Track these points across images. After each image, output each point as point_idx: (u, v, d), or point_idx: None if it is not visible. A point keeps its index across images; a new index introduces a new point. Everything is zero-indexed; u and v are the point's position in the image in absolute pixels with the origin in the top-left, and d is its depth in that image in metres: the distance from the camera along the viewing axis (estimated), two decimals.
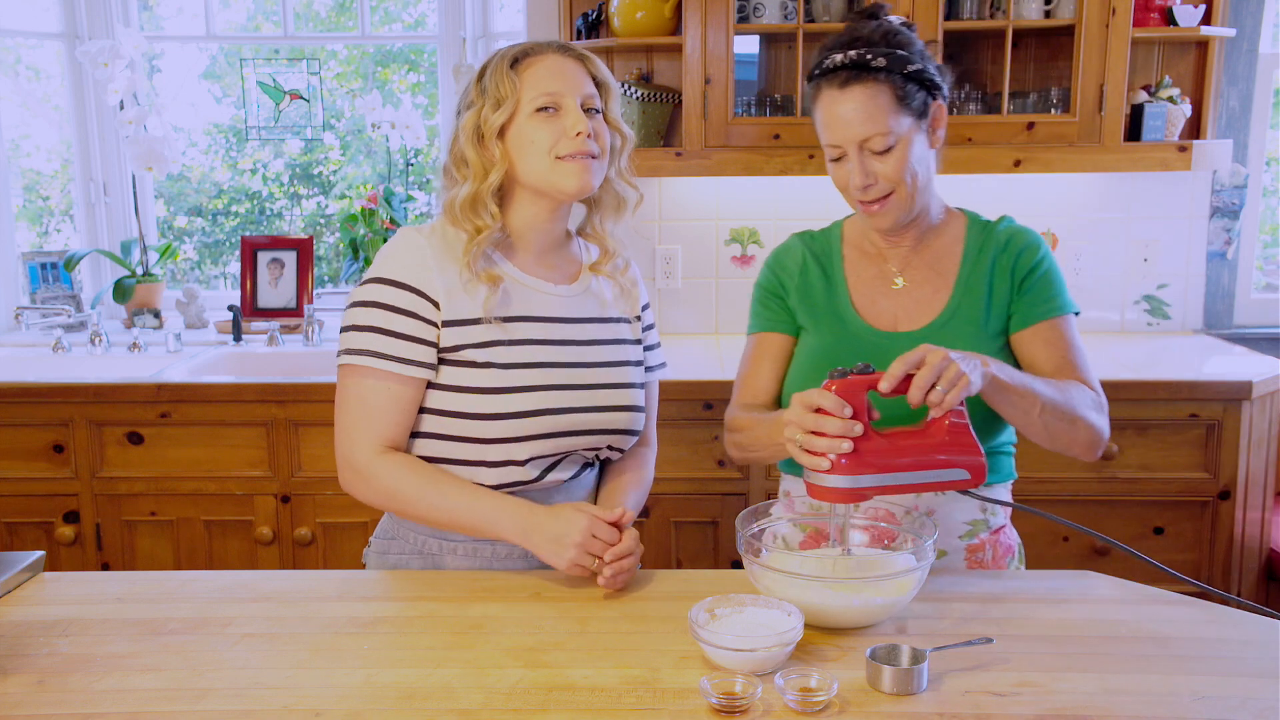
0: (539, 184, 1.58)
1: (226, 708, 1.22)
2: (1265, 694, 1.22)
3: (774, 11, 2.93)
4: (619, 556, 1.50)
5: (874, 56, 1.57)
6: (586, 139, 1.55)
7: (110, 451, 2.78)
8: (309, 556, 2.81)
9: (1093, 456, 1.64)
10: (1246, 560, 2.76)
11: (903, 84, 1.58)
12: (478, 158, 1.58)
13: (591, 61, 1.60)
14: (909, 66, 1.58)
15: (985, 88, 3.05)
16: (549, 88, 1.55)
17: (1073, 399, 1.58)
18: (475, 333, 1.57)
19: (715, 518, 2.76)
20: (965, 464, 1.42)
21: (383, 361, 1.55)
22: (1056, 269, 1.69)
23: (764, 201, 3.22)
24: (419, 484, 1.56)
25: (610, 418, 1.64)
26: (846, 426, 1.37)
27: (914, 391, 1.38)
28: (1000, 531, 1.73)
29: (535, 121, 1.55)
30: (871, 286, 1.72)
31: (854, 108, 1.57)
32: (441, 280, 1.57)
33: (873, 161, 1.59)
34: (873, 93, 1.57)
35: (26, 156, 3.83)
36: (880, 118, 1.57)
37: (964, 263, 1.70)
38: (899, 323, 1.69)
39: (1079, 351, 1.66)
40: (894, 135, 1.58)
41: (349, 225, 3.53)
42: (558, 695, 1.23)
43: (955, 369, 1.38)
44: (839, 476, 1.38)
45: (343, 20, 3.92)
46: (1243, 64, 3.14)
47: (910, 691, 1.22)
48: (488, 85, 1.57)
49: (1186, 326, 3.27)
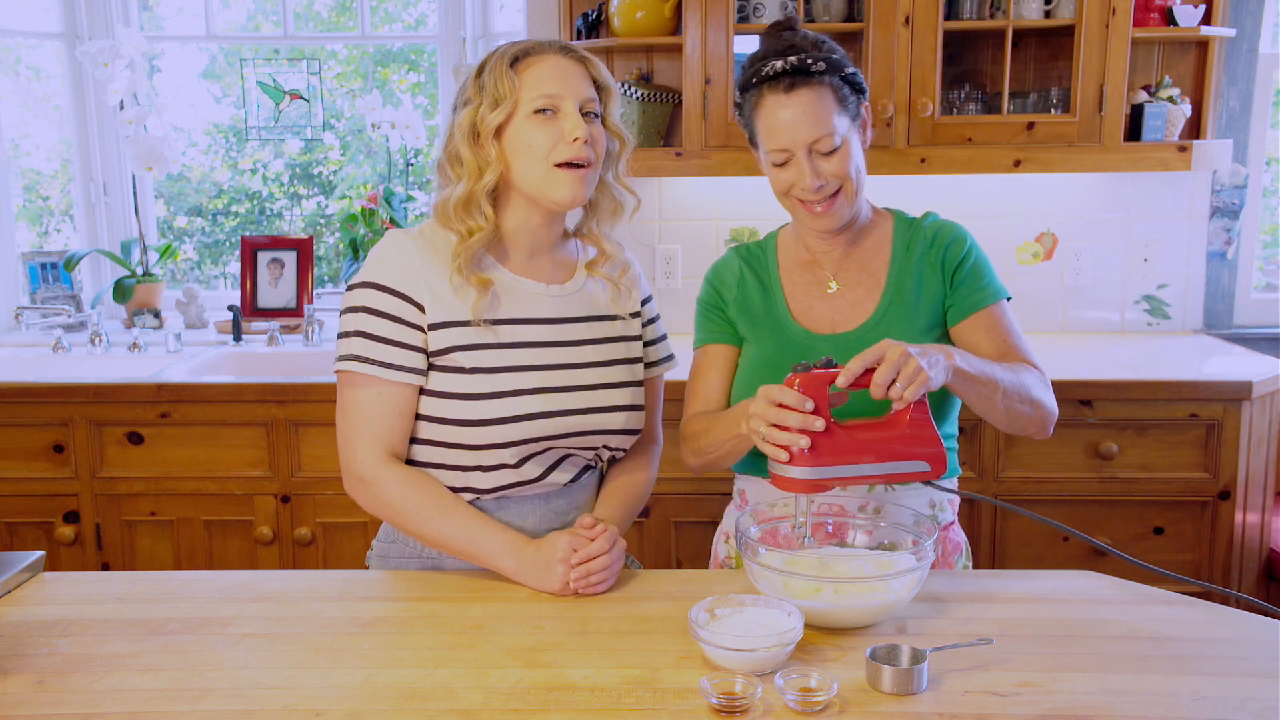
0: (531, 190, 1.57)
1: (226, 708, 1.22)
2: (1265, 694, 1.22)
3: (774, 11, 2.93)
4: (586, 559, 1.51)
5: (814, 61, 1.62)
6: (583, 145, 1.54)
7: (110, 451, 2.78)
8: (309, 556, 2.81)
9: (1045, 434, 1.69)
10: (1246, 560, 2.76)
11: (840, 86, 1.64)
12: (473, 157, 1.56)
13: (592, 64, 1.59)
14: (845, 69, 1.65)
15: (985, 88, 3.05)
16: (548, 89, 1.54)
17: (1026, 381, 1.62)
18: (463, 335, 1.57)
19: (715, 518, 2.75)
20: (925, 455, 1.47)
21: (369, 366, 1.55)
22: (984, 258, 1.74)
23: (764, 201, 3.19)
24: (421, 502, 1.57)
25: (605, 419, 1.63)
26: (806, 421, 1.41)
27: (874, 388, 1.42)
28: (949, 528, 1.75)
29: (533, 123, 1.54)
30: (807, 292, 1.76)
31: (800, 110, 1.61)
32: (427, 283, 1.56)
33: (821, 162, 1.63)
34: (817, 94, 1.62)
35: (26, 156, 3.83)
36: (826, 119, 1.61)
37: (893, 261, 1.73)
38: (836, 325, 1.73)
39: (1018, 335, 1.71)
40: (839, 134, 1.62)
41: (349, 225, 3.53)
42: (558, 695, 1.23)
43: (914, 365, 1.41)
44: (801, 468, 1.42)
45: (343, 20, 3.92)
46: (1243, 64, 3.14)
47: (910, 691, 1.22)
48: (486, 83, 1.55)
49: (1186, 326, 3.27)
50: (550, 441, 1.59)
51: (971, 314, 1.69)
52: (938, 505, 1.72)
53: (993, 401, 1.57)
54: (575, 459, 1.65)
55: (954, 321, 1.71)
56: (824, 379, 1.43)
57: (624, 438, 1.68)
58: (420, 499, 1.57)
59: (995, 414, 1.60)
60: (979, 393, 1.55)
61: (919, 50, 2.82)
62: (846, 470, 1.44)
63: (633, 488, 1.72)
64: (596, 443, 1.64)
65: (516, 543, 1.56)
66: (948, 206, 2.05)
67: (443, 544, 1.58)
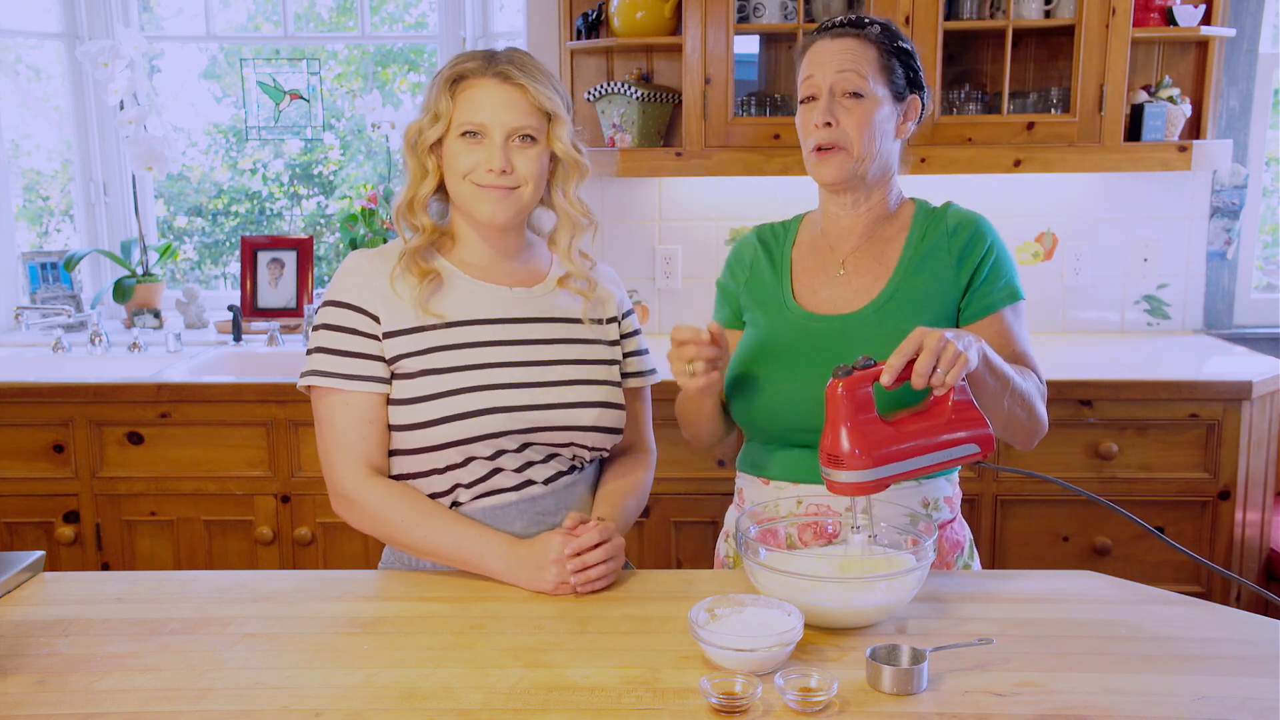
0: (459, 204, 1.63)
1: (226, 708, 1.22)
2: (1265, 694, 1.22)
3: (774, 11, 2.93)
4: (579, 551, 1.51)
5: (870, 22, 1.68)
6: (500, 174, 1.57)
7: (110, 451, 2.78)
8: (309, 556, 2.81)
9: (1029, 448, 1.69)
10: (1246, 560, 2.76)
11: (889, 56, 1.66)
12: (415, 163, 1.63)
13: (534, 92, 1.58)
14: (899, 42, 1.68)
15: (985, 88, 3.05)
16: (475, 117, 1.58)
17: (1030, 388, 1.61)
18: (415, 341, 1.59)
19: (715, 518, 2.76)
20: (974, 438, 1.45)
21: (331, 380, 1.59)
22: (1006, 254, 1.72)
23: (764, 201, 3.22)
24: (406, 513, 1.58)
25: (570, 414, 1.62)
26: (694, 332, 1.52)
27: (916, 378, 1.40)
28: (946, 527, 1.72)
29: (461, 144, 1.59)
30: (814, 275, 1.75)
31: (839, 49, 1.66)
32: (381, 294, 1.60)
33: (839, 106, 1.64)
34: (862, 46, 1.66)
35: (28, 156, 3.83)
36: (861, 66, 1.64)
37: (906, 248, 1.72)
38: (837, 308, 1.71)
39: (1026, 341, 1.71)
40: (866, 87, 1.64)
41: (349, 225, 3.53)
42: (558, 695, 1.23)
43: (953, 349, 1.40)
44: (855, 471, 1.40)
45: (343, 21, 3.92)
46: (1243, 64, 3.14)
47: (910, 691, 1.22)
48: (429, 97, 1.62)
49: (1186, 326, 3.27)
50: (509, 438, 1.58)
51: (990, 314, 1.68)
52: (932, 504, 1.70)
53: (999, 400, 1.56)
54: (558, 459, 1.64)
55: (969, 320, 1.69)
56: (867, 378, 1.41)
57: (598, 436, 1.66)
58: (405, 510, 1.58)
59: (996, 414, 1.58)
60: (994, 387, 1.53)
61: (919, 50, 2.80)
62: (900, 466, 1.42)
63: (629, 489, 1.71)
64: (564, 439, 1.63)
65: (505, 544, 1.56)
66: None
67: (432, 552, 1.59)
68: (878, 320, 1.66)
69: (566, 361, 1.64)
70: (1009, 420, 1.60)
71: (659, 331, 3.30)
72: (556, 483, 1.64)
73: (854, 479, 1.41)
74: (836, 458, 1.41)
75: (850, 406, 1.40)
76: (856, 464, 1.40)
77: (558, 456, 1.64)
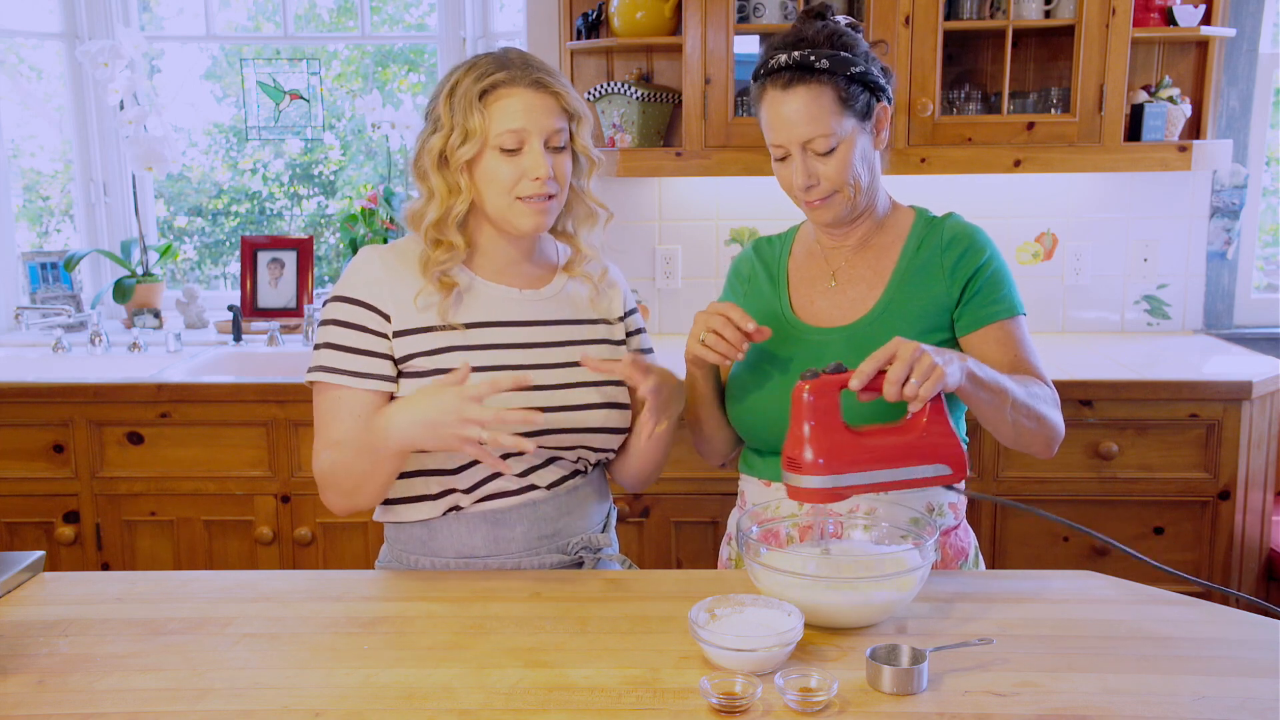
0: (496, 217, 1.61)
1: (226, 708, 1.22)
2: (1265, 694, 1.22)
3: (774, 11, 2.93)
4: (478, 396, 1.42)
5: (817, 58, 1.58)
6: (546, 182, 1.56)
7: (110, 451, 2.78)
8: (309, 556, 2.81)
9: (1050, 454, 1.65)
10: (1246, 560, 2.76)
11: (846, 85, 1.58)
12: (442, 181, 1.59)
13: (564, 96, 1.59)
14: (852, 68, 1.59)
15: (985, 88, 3.05)
16: (515, 125, 1.55)
17: (1035, 396, 1.58)
18: (427, 340, 1.58)
19: (715, 518, 2.76)
20: (946, 458, 1.42)
21: (337, 376, 1.57)
22: (1004, 270, 1.68)
23: (764, 201, 3.22)
24: (341, 454, 1.55)
25: (579, 416, 1.62)
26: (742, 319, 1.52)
27: (889, 386, 1.38)
28: (950, 534, 1.70)
29: (499, 159, 1.56)
30: (810, 286, 1.74)
31: (797, 108, 1.58)
32: (394, 292, 1.59)
33: (815, 162, 1.61)
34: (816, 94, 1.58)
35: (30, 156, 3.83)
36: (823, 119, 1.58)
37: (901, 258, 1.70)
38: (833, 320, 1.70)
39: (1031, 350, 1.66)
40: (836, 137, 1.59)
41: (349, 225, 3.53)
42: (558, 695, 1.23)
43: (928, 360, 1.37)
44: (816, 477, 1.38)
45: (343, 21, 3.92)
46: (1243, 64, 3.14)
47: (910, 691, 1.22)
48: (456, 114, 1.56)
49: (1186, 326, 3.27)
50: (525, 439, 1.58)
51: (982, 326, 1.64)
52: (937, 510, 1.68)
53: (1001, 413, 1.53)
54: (561, 463, 1.64)
55: (964, 332, 1.66)
56: (834, 383, 1.39)
57: (605, 437, 1.66)
58: (339, 453, 1.55)
59: (1003, 427, 1.56)
60: (989, 401, 1.51)
61: (919, 50, 2.82)
62: (863, 478, 1.39)
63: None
64: (573, 441, 1.63)
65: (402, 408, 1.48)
66: (948, 207, 2.04)
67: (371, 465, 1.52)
68: (873, 332, 1.64)
69: (575, 363, 1.64)
70: (1018, 431, 1.57)
71: (659, 331, 3.30)
72: (559, 487, 1.64)
73: (812, 484, 1.39)
74: (796, 462, 1.39)
75: (814, 410, 1.38)
76: (815, 470, 1.38)
77: (560, 460, 1.64)
